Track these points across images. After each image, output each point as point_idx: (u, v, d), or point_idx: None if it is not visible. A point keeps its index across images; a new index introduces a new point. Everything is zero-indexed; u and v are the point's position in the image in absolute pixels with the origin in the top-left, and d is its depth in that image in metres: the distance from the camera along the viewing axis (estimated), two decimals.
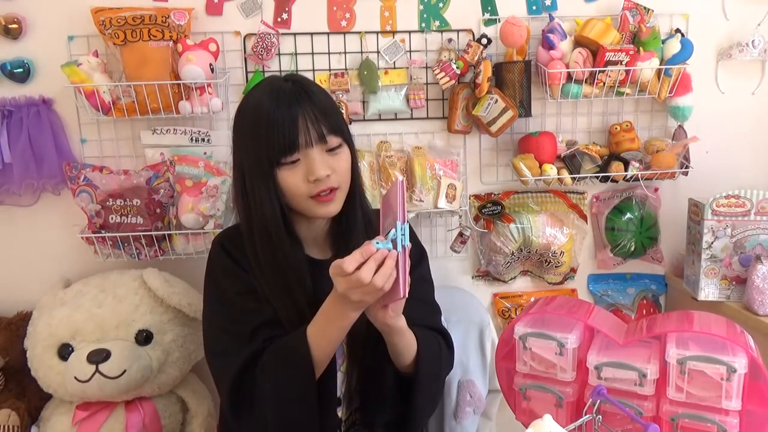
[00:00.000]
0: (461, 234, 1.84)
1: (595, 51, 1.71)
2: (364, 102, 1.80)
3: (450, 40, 1.79)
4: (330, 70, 1.78)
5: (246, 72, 1.77)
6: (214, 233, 1.63)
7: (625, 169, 1.77)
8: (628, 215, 1.91)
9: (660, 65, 1.75)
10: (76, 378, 1.50)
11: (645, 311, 1.98)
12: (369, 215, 1.25)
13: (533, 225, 1.85)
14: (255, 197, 1.14)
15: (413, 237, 1.38)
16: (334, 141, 1.14)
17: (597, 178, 1.81)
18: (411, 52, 1.80)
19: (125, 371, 1.50)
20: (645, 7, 1.77)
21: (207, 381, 1.74)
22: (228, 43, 1.75)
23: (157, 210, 1.67)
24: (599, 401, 1.07)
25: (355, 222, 1.22)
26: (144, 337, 1.56)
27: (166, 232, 1.67)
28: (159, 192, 1.67)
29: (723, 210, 1.64)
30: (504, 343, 1.28)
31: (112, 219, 1.65)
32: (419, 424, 1.27)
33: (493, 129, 1.74)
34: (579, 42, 1.74)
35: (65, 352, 1.54)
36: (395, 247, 0.99)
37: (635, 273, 2.00)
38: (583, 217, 1.95)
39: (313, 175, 1.11)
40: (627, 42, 1.74)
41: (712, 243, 1.66)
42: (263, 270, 1.17)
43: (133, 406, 1.60)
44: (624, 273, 2.00)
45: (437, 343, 1.26)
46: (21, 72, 1.69)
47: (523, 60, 1.75)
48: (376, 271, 0.98)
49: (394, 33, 1.79)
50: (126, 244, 1.67)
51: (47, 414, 1.64)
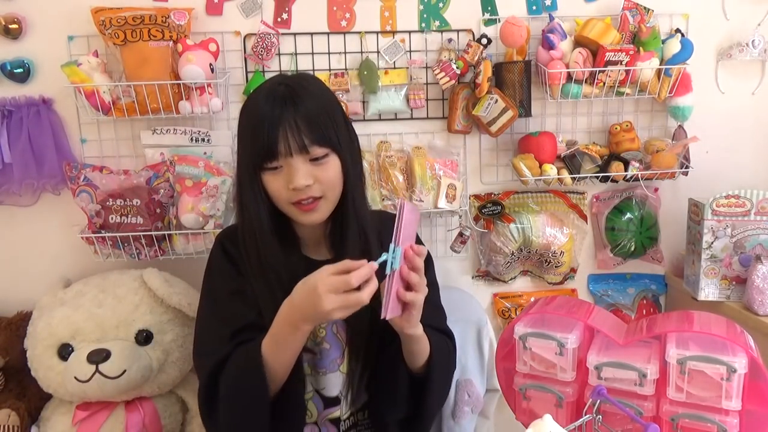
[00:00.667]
0: (461, 234, 1.84)
1: (595, 51, 1.71)
2: (364, 102, 1.80)
3: (450, 40, 1.79)
4: (330, 70, 1.78)
5: (246, 72, 1.77)
6: (214, 233, 1.63)
7: (625, 169, 1.77)
8: (628, 215, 1.91)
9: (660, 65, 1.75)
10: (76, 378, 1.50)
11: (645, 311, 1.98)
12: (365, 220, 1.23)
13: (533, 225, 1.85)
14: (244, 198, 1.17)
15: (418, 242, 1.37)
16: (318, 151, 1.12)
17: (597, 178, 1.81)
18: (411, 52, 1.80)
19: (125, 371, 1.50)
20: (645, 7, 1.77)
21: None
22: (228, 43, 1.75)
23: (157, 210, 1.67)
24: (599, 401, 1.07)
25: (348, 228, 1.21)
26: (144, 337, 1.56)
27: (166, 232, 1.67)
28: (159, 192, 1.67)
29: (723, 210, 1.64)
30: (504, 343, 1.28)
31: (112, 219, 1.65)
32: (429, 423, 1.29)
33: (493, 129, 1.74)
34: (579, 42, 1.74)
35: (65, 352, 1.54)
36: (383, 269, 1.00)
37: (635, 273, 2.00)
38: (583, 217, 1.95)
39: (292, 184, 1.11)
40: (627, 42, 1.74)
41: (712, 243, 1.66)
42: (252, 269, 1.19)
43: (133, 406, 1.60)
44: (624, 273, 2.00)
45: (447, 346, 1.27)
46: (21, 72, 1.69)
47: (523, 60, 1.75)
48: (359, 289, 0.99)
49: (394, 33, 1.79)
50: (126, 244, 1.67)
51: (47, 414, 1.64)
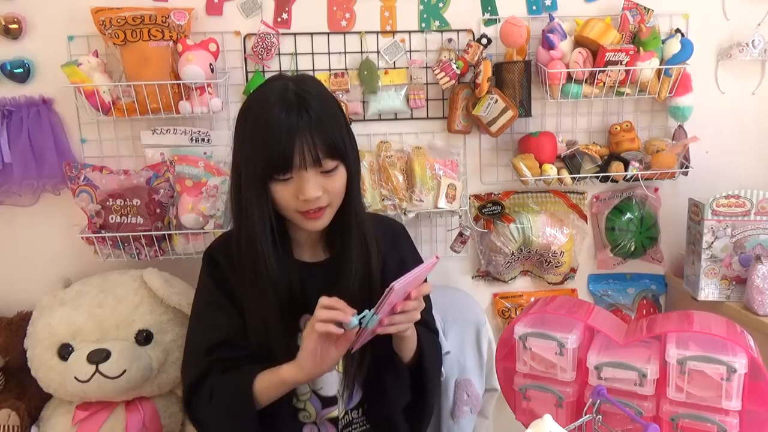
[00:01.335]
0: (461, 234, 1.84)
1: (595, 51, 1.71)
2: (364, 102, 1.80)
3: (450, 40, 1.79)
4: (330, 70, 1.78)
5: (246, 72, 1.77)
6: (214, 233, 1.63)
7: (625, 169, 1.77)
8: (628, 215, 1.91)
9: (660, 65, 1.75)
10: (76, 378, 1.50)
11: (645, 311, 1.98)
12: (365, 225, 1.25)
13: (533, 225, 1.85)
14: (247, 205, 1.15)
15: (413, 248, 1.43)
16: (329, 164, 1.13)
17: (597, 178, 1.81)
18: (411, 52, 1.80)
19: (125, 371, 1.50)
20: (645, 7, 1.77)
21: None
22: (228, 43, 1.75)
23: (157, 210, 1.67)
24: (599, 401, 1.07)
25: (350, 233, 1.22)
26: (144, 337, 1.56)
27: (166, 232, 1.67)
28: (159, 192, 1.67)
29: (723, 210, 1.64)
30: (504, 343, 1.28)
31: (112, 219, 1.65)
32: (431, 411, 1.33)
33: (493, 129, 1.74)
34: (579, 42, 1.74)
35: (65, 352, 1.54)
36: (361, 324, 1.06)
37: (635, 273, 2.00)
38: (583, 217, 1.95)
39: (304, 196, 1.12)
40: (627, 42, 1.74)
41: (712, 243, 1.66)
42: (245, 275, 1.19)
43: (133, 406, 1.60)
44: (624, 273, 2.00)
45: (431, 337, 1.33)
46: (21, 72, 1.69)
47: (523, 60, 1.75)
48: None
49: (394, 33, 1.79)
50: (126, 244, 1.67)
51: (47, 414, 1.64)
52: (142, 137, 1.75)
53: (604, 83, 1.72)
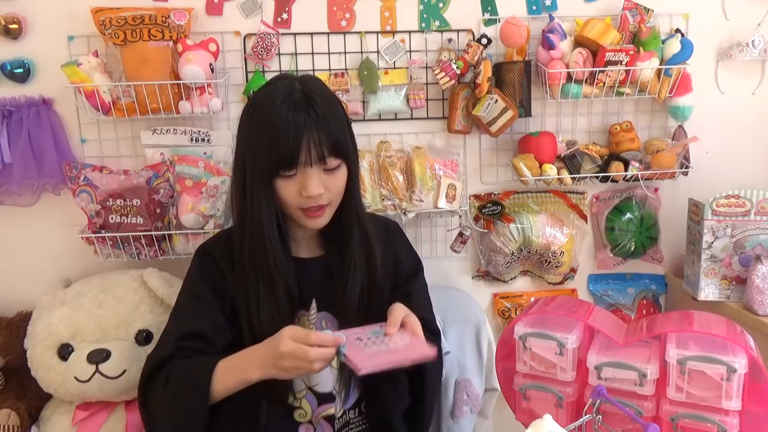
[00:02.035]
0: (461, 234, 1.84)
1: (595, 51, 1.71)
2: (364, 102, 1.80)
3: (450, 40, 1.79)
4: (330, 70, 1.78)
5: (246, 72, 1.77)
6: (214, 233, 1.63)
7: (625, 169, 1.77)
8: (628, 215, 1.91)
9: (660, 65, 1.75)
10: (76, 378, 1.50)
11: (645, 311, 1.98)
12: (365, 224, 1.26)
13: (533, 225, 1.85)
14: (253, 201, 1.16)
15: (409, 246, 1.43)
16: (333, 162, 1.15)
17: (597, 178, 1.81)
18: (411, 52, 1.80)
19: (125, 371, 1.50)
20: (645, 7, 1.77)
21: None
22: (228, 43, 1.75)
23: (157, 210, 1.67)
24: (599, 401, 1.07)
25: (351, 231, 1.24)
26: (144, 337, 1.56)
27: (166, 232, 1.67)
28: (159, 192, 1.67)
29: (723, 210, 1.64)
30: (504, 343, 1.28)
31: (112, 219, 1.65)
32: (430, 413, 1.33)
33: (493, 129, 1.74)
34: (579, 42, 1.74)
35: (65, 352, 1.54)
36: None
37: (635, 273, 2.00)
38: (583, 217, 1.95)
39: (307, 192, 1.14)
40: (627, 42, 1.74)
41: (712, 243, 1.66)
42: (246, 273, 1.19)
43: (133, 406, 1.59)
44: (624, 273, 2.00)
45: (432, 340, 1.31)
46: (21, 72, 1.69)
47: (523, 60, 1.75)
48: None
49: (394, 33, 1.79)
50: (126, 244, 1.67)
51: (47, 414, 1.64)
52: (142, 137, 1.75)
53: (604, 83, 1.72)
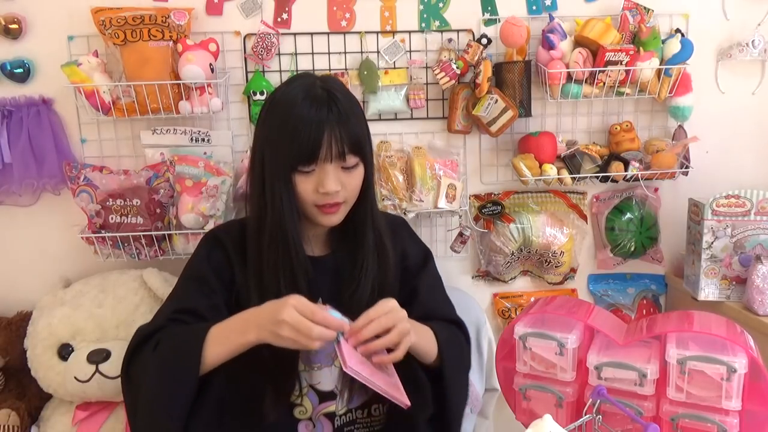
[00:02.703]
0: (461, 234, 1.84)
1: (595, 51, 1.71)
2: (364, 102, 1.80)
3: (450, 40, 1.79)
4: (330, 70, 1.78)
5: (246, 72, 1.77)
6: None
7: (625, 169, 1.77)
8: (628, 215, 1.91)
9: (660, 65, 1.75)
10: (76, 378, 1.50)
11: (645, 311, 1.98)
12: (379, 224, 1.26)
13: (533, 225, 1.85)
14: (274, 196, 1.15)
15: (416, 239, 1.41)
16: (352, 160, 1.15)
17: (597, 178, 1.81)
18: (411, 52, 1.80)
19: None
20: (645, 7, 1.77)
21: None
22: (228, 43, 1.75)
23: (157, 210, 1.67)
24: (599, 401, 1.07)
25: (365, 231, 1.23)
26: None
27: (166, 232, 1.67)
28: (159, 192, 1.67)
29: (723, 210, 1.64)
30: (504, 343, 1.28)
31: (112, 219, 1.65)
32: (456, 417, 1.27)
33: (493, 129, 1.74)
34: (579, 42, 1.74)
35: (65, 352, 1.54)
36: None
37: (635, 273, 2.00)
38: (583, 217, 1.95)
39: (324, 188, 1.14)
40: (627, 42, 1.74)
41: (712, 243, 1.66)
42: (264, 269, 1.17)
43: None
44: (624, 273, 2.00)
45: (457, 337, 1.28)
46: (21, 72, 1.69)
47: (523, 60, 1.75)
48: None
49: (394, 33, 1.79)
50: (126, 244, 1.67)
51: (47, 414, 1.64)
52: (142, 137, 1.75)
53: (604, 83, 1.72)
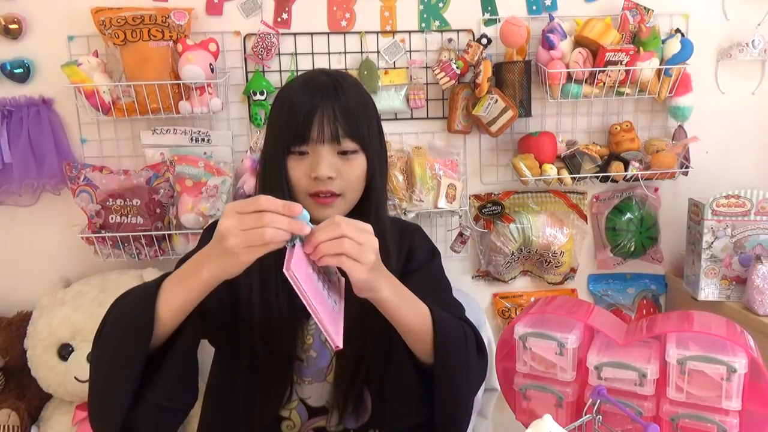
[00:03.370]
0: (461, 234, 1.84)
1: (595, 51, 1.71)
2: None
3: (450, 40, 1.79)
4: None
5: (246, 72, 1.77)
6: None
7: (625, 169, 1.77)
8: (628, 215, 1.91)
9: (660, 65, 1.75)
10: (76, 378, 1.50)
11: (645, 311, 1.98)
12: (385, 229, 1.15)
13: (533, 225, 1.85)
14: (271, 181, 1.10)
15: (425, 239, 1.32)
16: (348, 145, 1.09)
17: (597, 178, 1.81)
18: (411, 52, 1.80)
19: None
20: (645, 7, 1.77)
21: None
22: (228, 43, 1.75)
23: (157, 210, 1.67)
24: (599, 401, 1.07)
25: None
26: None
27: (166, 232, 1.68)
28: (159, 192, 1.67)
29: (723, 210, 1.64)
30: (504, 343, 1.28)
31: (112, 219, 1.65)
32: (447, 428, 1.07)
33: (493, 129, 1.74)
34: (579, 42, 1.74)
35: (65, 352, 1.54)
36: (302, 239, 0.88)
37: (635, 273, 2.00)
38: (583, 217, 1.95)
39: (315, 172, 1.07)
40: (627, 42, 1.74)
41: (712, 243, 1.66)
42: (261, 258, 1.12)
43: None
44: (624, 273, 2.00)
45: (459, 326, 1.08)
46: (21, 72, 1.69)
47: (523, 60, 1.75)
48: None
49: (394, 33, 1.79)
50: (126, 244, 1.67)
51: (47, 414, 1.64)
52: (142, 137, 1.75)
53: (604, 83, 1.72)
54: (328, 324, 0.88)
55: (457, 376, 1.05)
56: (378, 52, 1.79)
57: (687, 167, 1.81)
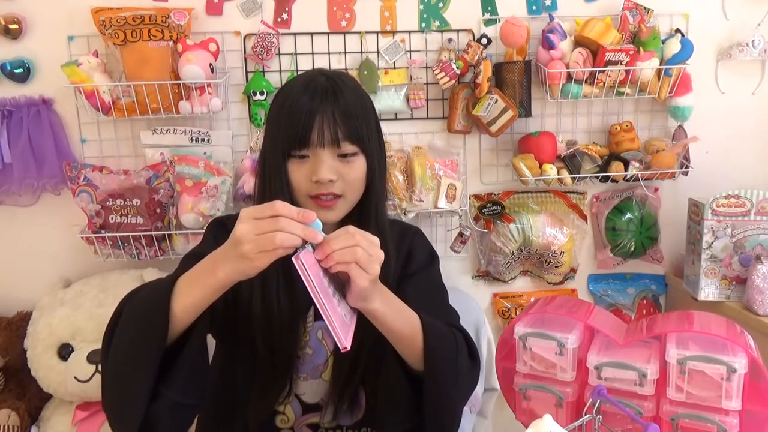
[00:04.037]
0: (461, 234, 1.84)
1: (595, 51, 1.71)
2: None
3: (450, 40, 1.79)
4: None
5: (246, 72, 1.77)
6: None
7: (625, 169, 1.77)
8: (628, 215, 1.91)
9: (660, 65, 1.75)
10: (76, 378, 1.50)
11: (645, 311, 1.98)
12: (385, 231, 1.18)
13: (533, 225, 1.85)
14: (271, 185, 1.11)
15: (425, 242, 1.33)
16: (348, 148, 1.09)
17: (597, 178, 1.81)
18: (411, 52, 1.80)
19: None
20: (645, 7, 1.77)
21: None
22: (228, 43, 1.75)
23: (157, 210, 1.67)
24: (599, 401, 1.07)
25: (366, 230, 1.15)
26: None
27: (166, 232, 1.68)
28: (159, 192, 1.67)
29: (723, 210, 1.64)
30: (504, 343, 1.28)
31: (112, 219, 1.65)
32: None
33: (493, 129, 1.74)
34: (579, 42, 1.74)
35: (65, 352, 1.54)
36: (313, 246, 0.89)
37: (635, 273, 2.00)
38: (583, 217, 1.95)
39: (316, 176, 1.08)
40: (627, 42, 1.74)
41: (712, 243, 1.66)
42: None
43: None
44: (624, 273, 2.00)
45: (450, 334, 1.09)
46: (21, 72, 1.69)
47: (523, 60, 1.75)
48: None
49: (394, 33, 1.79)
50: (126, 244, 1.67)
51: (47, 414, 1.64)
52: (142, 137, 1.75)
53: (604, 83, 1.72)
54: (335, 321, 0.88)
55: (447, 384, 1.05)
56: (378, 52, 1.79)
57: (687, 167, 1.81)
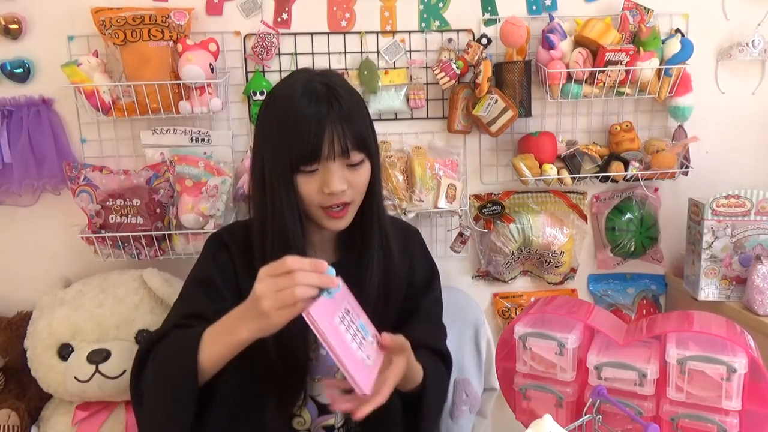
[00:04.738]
0: (461, 234, 1.84)
1: (595, 51, 1.71)
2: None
3: (450, 40, 1.79)
4: None
5: (246, 72, 1.77)
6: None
7: (625, 169, 1.77)
8: (628, 215, 1.91)
9: (660, 65, 1.75)
10: (76, 378, 1.50)
11: (645, 311, 1.98)
12: (387, 227, 1.21)
13: (533, 225, 1.85)
14: (275, 199, 1.10)
15: (427, 255, 1.35)
16: (357, 157, 1.10)
17: (597, 178, 1.81)
18: (411, 52, 1.80)
19: (125, 371, 1.50)
20: (645, 7, 1.77)
21: None
22: (228, 43, 1.75)
23: (157, 210, 1.67)
24: (599, 401, 1.07)
25: (371, 232, 1.18)
26: (144, 337, 1.56)
27: (166, 232, 1.68)
28: (159, 192, 1.67)
29: (723, 210, 1.64)
30: (504, 343, 1.28)
31: (112, 219, 1.65)
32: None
33: (493, 129, 1.74)
34: (579, 42, 1.74)
35: (65, 352, 1.54)
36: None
37: (635, 273, 2.00)
38: (583, 217, 1.95)
39: (329, 188, 1.08)
40: (627, 42, 1.74)
41: (712, 243, 1.66)
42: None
43: None
44: (624, 273, 2.00)
45: (441, 372, 1.23)
46: (21, 72, 1.69)
47: (523, 60, 1.75)
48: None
49: (394, 33, 1.79)
50: (126, 244, 1.67)
51: (47, 414, 1.64)
52: (142, 137, 1.75)
53: (604, 83, 1.72)
54: (352, 369, 0.91)
55: (435, 416, 1.22)
56: (378, 52, 1.79)
57: (687, 167, 1.81)
